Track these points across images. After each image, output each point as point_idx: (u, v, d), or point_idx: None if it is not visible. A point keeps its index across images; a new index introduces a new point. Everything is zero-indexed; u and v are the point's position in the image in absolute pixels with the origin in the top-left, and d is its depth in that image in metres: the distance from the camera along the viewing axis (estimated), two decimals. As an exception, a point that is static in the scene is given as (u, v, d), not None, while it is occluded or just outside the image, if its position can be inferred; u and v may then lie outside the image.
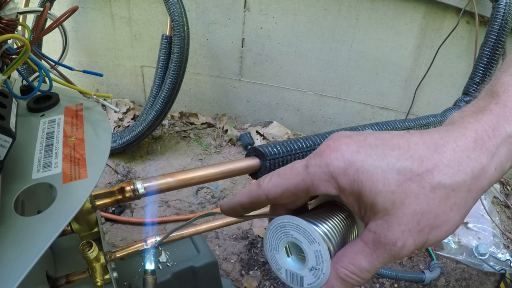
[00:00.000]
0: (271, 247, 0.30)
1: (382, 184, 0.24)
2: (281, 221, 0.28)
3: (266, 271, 1.29)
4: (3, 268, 0.29)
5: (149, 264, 0.54)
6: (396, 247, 0.24)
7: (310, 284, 0.28)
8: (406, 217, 0.24)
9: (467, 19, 1.45)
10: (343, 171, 0.25)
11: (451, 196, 0.25)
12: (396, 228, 0.24)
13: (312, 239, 0.27)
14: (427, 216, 0.24)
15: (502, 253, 1.41)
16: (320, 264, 0.27)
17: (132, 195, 0.43)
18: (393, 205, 0.24)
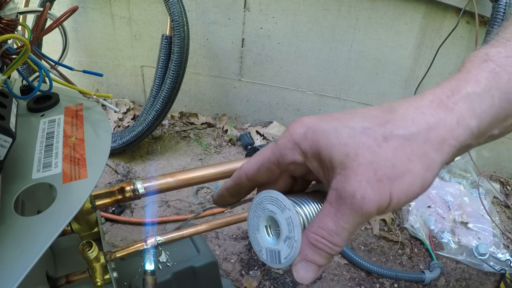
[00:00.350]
0: (253, 228, 0.30)
1: (335, 138, 0.25)
2: (258, 198, 0.29)
3: (266, 271, 1.29)
4: (3, 268, 0.29)
5: (149, 264, 0.54)
6: (355, 199, 0.24)
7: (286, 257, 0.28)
8: (361, 167, 0.24)
9: (467, 19, 1.45)
10: (303, 136, 0.27)
11: (406, 146, 0.24)
12: (353, 179, 0.24)
13: (283, 206, 0.27)
14: (383, 166, 0.24)
15: (502, 253, 1.41)
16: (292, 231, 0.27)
17: (132, 195, 0.43)
18: (348, 156, 0.24)
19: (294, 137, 0.27)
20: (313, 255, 0.26)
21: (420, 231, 1.46)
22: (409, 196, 0.25)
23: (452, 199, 1.58)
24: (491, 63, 0.27)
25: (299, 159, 0.27)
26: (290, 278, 1.28)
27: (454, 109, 0.25)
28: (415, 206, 1.54)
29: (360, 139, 0.25)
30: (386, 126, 0.25)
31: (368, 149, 0.24)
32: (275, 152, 0.28)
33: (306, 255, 0.26)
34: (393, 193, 0.24)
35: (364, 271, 1.33)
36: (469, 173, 1.67)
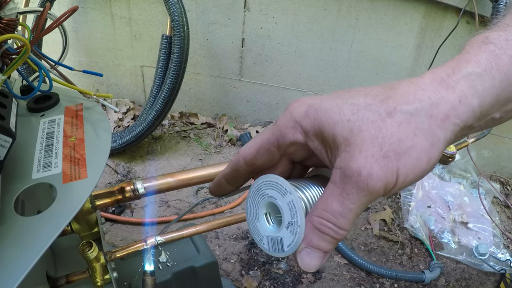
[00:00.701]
0: (252, 217, 0.29)
1: (337, 115, 0.24)
2: (257, 184, 0.28)
3: (266, 271, 1.29)
4: (3, 268, 0.29)
5: (148, 265, 0.54)
6: (362, 176, 0.23)
7: (290, 245, 0.26)
8: (366, 142, 0.23)
9: (467, 19, 1.45)
10: (305, 114, 0.26)
11: (410, 121, 0.24)
12: (358, 156, 0.23)
13: (283, 190, 0.26)
14: (389, 141, 0.23)
15: (502, 253, 1.41)
16: (294, 216, 0.25)
17: (132, 195, 0.43)
18: (351, 132, 0.24)
19: (295, 115, 0.26)
20: (318, 240, 0.25)
21: (420, 231, 1.46)
22: (416, 173, 0.24)
23: (452, 199, 1.58)
24: (491, 45, 0.27)
25: (300, 138, 0.26)
26: (290, 278, 1.28)
27: (456, 87, 0.25)
28: (415, 206, 1.54)
29: (363, 115, 0.24)
30: (388, 102, 0.24)
31: (373, 124, 0.23)
32: (275, 132, 0.27)
33: (311, 240, 0.25)
34: (400, 169, 0.23)
35: (364, 271, 1.33)
36: (469, 173, 1.67)
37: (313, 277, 1.30)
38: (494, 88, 0.26)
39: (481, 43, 0.27)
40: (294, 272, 1.30)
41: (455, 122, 0.25)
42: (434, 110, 0.24)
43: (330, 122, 0.25)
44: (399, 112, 0.24)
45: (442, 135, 0.24)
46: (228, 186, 0.32)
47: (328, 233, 0.25)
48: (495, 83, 0.26)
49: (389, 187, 0.23)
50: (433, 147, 0.24)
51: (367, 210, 1.56)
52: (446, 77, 0.25)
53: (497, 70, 0.26)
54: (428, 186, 1.61)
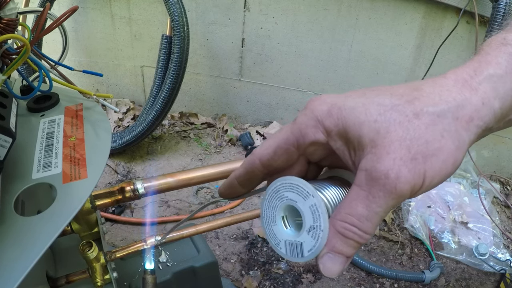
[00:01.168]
0: (268, 220, 0.28)
1: (364, 115, 0.24)
2: (274, 186, 0.27)
3: (266, 271, 1.29)
4: (3, 268, 0.29)
5: (149, 263, 0.54)
6: (389, 179, 0.22)
7: (311, 250, 0.25)
8: (394, 144, 0.23)
9: (467, 19, 1.45)
10: (327, 113, 0.25)
11: (437, 122, 0.23)
12: (385, 158, 0.22)
13: (306, 193, 0.25)
14: (417, 143, 0.23)
15: (502, 253, 1.41)
16: (317, 220, 0.24)
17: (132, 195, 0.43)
18: (378, 134, 0.23)
19: (316, 114, 0.25)
20: (342, 245, 0.24)
21: (420, 231, 1.46)
22: (442, 175, 0.23)
23: (452, 199, 1.58)
24: (509, 47, 0.27)
25: (322, 138, 0.26)
26: (290, 278, 1.28)
27: (479, 89, 0.25)
28: (415, 206, 1.54)
29: (390, 116, 0.23)
30: (415, 102, 0.24)
31: (400, 125, 0.23)
32: (295, 132, 0.26)
33: (334, 245, 0.24)
34: (427, 171, 0.23)
35: (364, 271, 1.33)
36: (469, 173, 1.67)
37: (313, 277, 1.30)
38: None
39: (499, 44, 0.27)
40: (294, 272, 1.30)
41: (479, 124, 0.25)
42: (459, 112, 0.24)
43: (356, 122, 0.24)
44: (426, 114, 0.23)
45: (467, 137, 0.24)
46: (241, 188, 0.31)
47: (352, 237, 0.24)
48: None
49: (415, 190, 0.23)
50: (458, 149, 0.24)
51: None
52: (469, 78, 0.25)
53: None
54: (428, 186, 1.61)
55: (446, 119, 0.24)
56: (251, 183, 0.30)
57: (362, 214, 0.23)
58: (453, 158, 0.24)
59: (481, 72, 0.25)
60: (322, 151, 0.27)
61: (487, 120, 0.25)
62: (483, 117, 0.25)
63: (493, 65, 0.26)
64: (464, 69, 0.26)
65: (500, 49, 0.27)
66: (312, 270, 1.31)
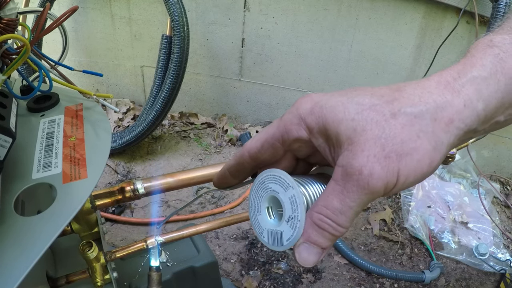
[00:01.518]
0: (254, 210, 0.29)
1: (342, 113, 0.25)
2: (261, 177, 0.28)
3: (266, 271, 1.29)
4: (3, 268, 0.29)
5: (154, 260, 0.54)
6: (362, 175, 0.23)
7: (289, 239, 0.26)
8: (369, 142, 0.23)
9: (467, 19, 1.45)
10: (310, 111, 0.26)
11: (414, 123, 0.24)
12: (360, 155, 0.23)
13: (286, 185, 0.26)
14: (392, 142, 0.23)
15: (502, 253, 1.41)
16: (295, 211, 0.26)
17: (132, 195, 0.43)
18: (355, 132, 0.24)
19: (300, 112, 0.27)
20: (317, 236, 0.25)
21: (420, 231, 1.46)
22: (417, 175, 0.24)
23: (452, 199, 1.58)
24: (495, 49, 0.27)
25: (304, 135, 0.27)
26: (290, 278, 1.28)
27: (461, 91, 0.25)
28: (415, 206, 1.54)
29: (368, 115, 0.24)
30: (393, 103, 0.24)
31: (376, 124, 0.24)
32: (280, 128, 0.28)
33: (310, 236, 0.25)
34: (401, 170, 0.23)
35: (364, 271, 1.33)
36: (469, 173, 1.67)
37: (313, 277, 1.30)
38: (499, 92, 0.26)
39: (486, 47, 0.27)
40: (294, 272, 1.30)
41: (459, 126, 0.25)
42: (439, 114, 0.24)
43: (335, 120, 0.25)
44: (404, 114, 0.24)
45: (445, 139, 0.24)
46: (232, 179, 0.33)
47: (327, 229, 0.25)
48: (500, 87, 0.26)
49: (389, 187, 0.24)
50: (435, 150, 0.24)
51: (367, 210, 1.56)
52: (452, 80, 0.25)
53: (502, 73, 0.26)
54: (428, 186, 1.61)
55: (423, 120, 0.24)
56: (241, 174, 0.32)
57: (337, 207, 0.24)
58: (429, 159, 0.24)
59: (465, 74, 0.26)
60: (307, 148, 0.28)
61: (469, 122, 0.25)
62: (465, 119, 0.25)
63: (477, 67, 0.26)
64: (448, 71, 0.26)
65: (486, 51, 0.27)
66: (312, 270, 1.31)
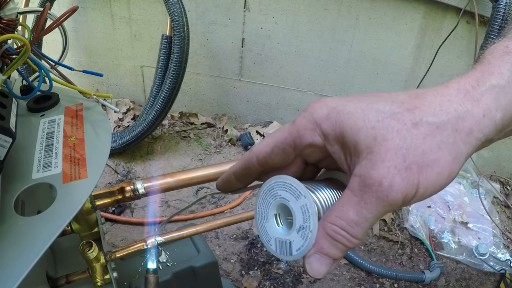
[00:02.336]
0: (261, 216, 0.28)
1: (362, 120, 0.24)
2: (269, 184, 0.27)
3: (266, 271, 1.29)
4: (3, 268, 0.29)
5: (151, 263, 0.54)
6: (382, 187, 0.22)
7: (299, 249, 0.25)
8: (390, 152, 0.23)
9: (467, 19, 1.45)
10: (326, 116, 0.25)
11: (436, 134, 0.23)
12: (380, 165, 0.22)
13: (298, 193, 0.25)
14: (413, 153, 0.23)
15: (502, 253, 1.41)
16: (307, 221, 0.25)
17: (132, 195, 0.43)
18: (375, 141, 0.23)
19: (315, 117, 0.25)
20: (329, 247, 0.24)
21: (420, 231, 1.46)
22: (436, 186, 0.23)
23: (452, 199, 1.58)
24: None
25: (319, 141, 0.26)
26: (290, 278, 1.28)
27: (481, 100, 0.25)
28: (415, 206, 1.54)
29: (389, 123, 0.23)
30: (415, 111, 0.24)
31: (398, 133, 0.23)
32: (292, 133, 0.26)
33: (322, 247, 0.24)
34: (421, 182, 0.23)
35: (364, 271, 1.33)
36: (469, 173, 1.67)
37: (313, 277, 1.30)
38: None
39: (502, 53, 0.27)
40: (294, 272, 1.30)
41: (478, 136, 0.24)
42: (459, 124, 0.24)
43: (354, 128, 0.24)
44: (425, 124, 0.23)
45: (465, 150, 0.24)
46: (237, 183, 0.31)
47: (341, 241, 0.24)
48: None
49: (408, 199, 0.23)
50: (455, 161, 0.24)
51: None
52: (471, 89, 0.25)
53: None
54: (428, 186, 1.61)
55: (445, 130, 0.23)
56: (247, 178, 0.31)
57: (353, 219, 0.24)
58: (449, 170, 0.24)
59: (484, 82, 0.25)
60: (319, 154, 0.28)
61: (487, 132, 0.25)
62: (483, 129, 0.25)
63: (495, 76, 0.26)
64: (466, 79, 0.26)
65: (503, 58, 0.26)
66: (312, 270, 1.31)
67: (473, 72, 0.26)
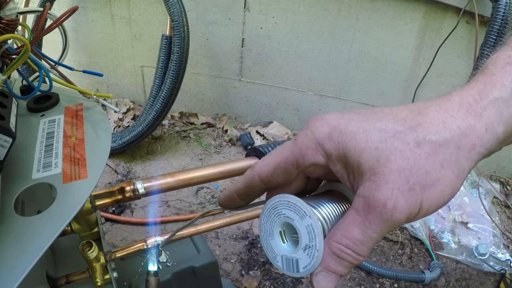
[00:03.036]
0: (266, 234, 0.28)
1: (365, 141, 0.24)
2: (273, 202, 0.28)
3: (266, 271, 1.29)
4: (3, 268, 0.29)
5: (152, 265, 0.53)
6: (386, 208, 0.23)
7: (306, 267, 0.26)
8: (393, 174, 0.23)
9: (467, 19, 1.45)
10: (328, 136, 0.25)
11: (439, 152, 0.23)
12: (384, 187, 0.23)
13: (302, 213, 0.26)
14: (416, 173, 0.23)
15: (502, 253, 1.41)
16: (313, 240, 0.25)
17: (132, 195, 0.43)
18: (378, 162, 0.23)
19: (317, 136, 0.26)
20: (336, 265, 0.25)
21: (420, 231, 1.46)
22: (439, 204, 0.24)
23: (452, 199, 1.58)
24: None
25: (322, 160, 0.26)
26: (290, 278, 1.28)
27: (483, 114, 0.25)
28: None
29: (392, 144, 0.24)
30: (417, 130, 0.24)
31: (401, 154, 0.23)
32: (294, 152, 0.27)
33: (328, 265, 0.25)
34: (424, 201, 0.23)
35: (364, 271, 1.33)
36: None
37: (313, 277, 1.30)
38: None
39: (505, 64, 0.27)
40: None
41: (480, 151, 0.25)
42: (462, 141, 0.24)
43: (356, 149, 0.24)
44: (428, 143, 0.24)
45: (467, 165, 0.24)
46: (240, 201, 0.32)
47: (347, 259, 0.25)
48: None
49: (411, 217, 0.24)
50: (458, 178, 0.24)
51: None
52: (473, 102, 0.25)
53: None
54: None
55: (448, 148, 0.24)
56: (250, 196, 0.31)
57: (358, 238, 0.24)
58: (452, 188, 0.24)
59: (486, 95, 0.25)
60: (321, 171, 0.28)
61: (489, 146, 0.25)
62: (486, 144, 0.25)
63: (498, 88, 0.26)
64: (469, 91, 0.26)
65: (506, 69, 0.26)
66: (312, 270, 1.31)
67: (476, 83, 0.26)
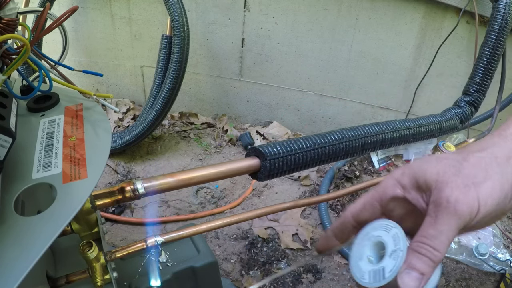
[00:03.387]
0: (356, 257, 0.34)
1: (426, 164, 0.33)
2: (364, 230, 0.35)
3: (266, 271, 1.29)
4: (3, 268, 0.29)
5: (154, 280, 0.53)
6: (450, 203, 0.29)
7: (391, 270, 0.30)
8: (451, 178, 0.30)
9: (467, 19, 1.45)
10: (402, 173, 0.34)
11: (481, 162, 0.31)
12: (445, 188, 0.30)
13: (389, 227, 0.33)
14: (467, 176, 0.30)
15: (502, 253, 1.41)
16: (398, 244, 0.31)
17: (132, 195, 0.43)
18: (438, 174, 0.31)
19: (395, 176, 0.35)
20: (416, 261, 0.30)
21: (420, 231, 1.45)
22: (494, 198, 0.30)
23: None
24: None
25: (399, 193, 0.34)
26: (290, 278, 1.28)
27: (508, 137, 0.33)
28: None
29: (446, 162, 0.32)
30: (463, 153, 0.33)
31: (453, 167, 0.31)
32: (378, 190, 0.35)
33: (410, 262, 0.30)
34: (480, 196, 0.29)
35: (364, 271, 1.33)
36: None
37: (313, 277, 1.30)
38: None
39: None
40: (294, 272, 1.30)
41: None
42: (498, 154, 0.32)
43: (421, 170, 0.33)
44: (472, 156, 0.32)
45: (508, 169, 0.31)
46: (335, 241, 0.38)
47: (425, 254, 0.30)
48: None
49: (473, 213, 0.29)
50: (503, 177, 0.31)
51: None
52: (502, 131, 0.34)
53: None
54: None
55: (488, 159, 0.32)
56: (344, 234, 0.38)
57: (431, 233, 0.30)
58: (500, 184, 0.30)
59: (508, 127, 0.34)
60: (400, 209, 0.35)
61: None
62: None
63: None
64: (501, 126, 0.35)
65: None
66: (312, 270, 1.31)
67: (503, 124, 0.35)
